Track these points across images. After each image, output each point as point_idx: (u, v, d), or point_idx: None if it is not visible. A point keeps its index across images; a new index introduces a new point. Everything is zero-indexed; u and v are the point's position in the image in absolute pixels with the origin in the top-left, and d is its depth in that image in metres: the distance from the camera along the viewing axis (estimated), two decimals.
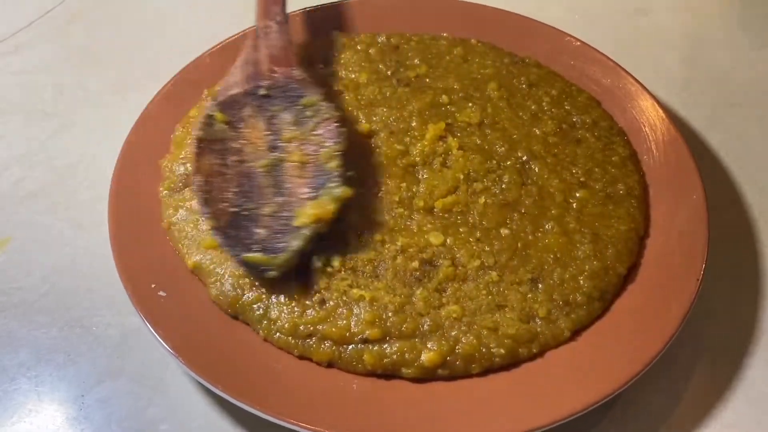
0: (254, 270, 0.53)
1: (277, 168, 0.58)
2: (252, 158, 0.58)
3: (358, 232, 0.56)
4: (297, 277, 0.54)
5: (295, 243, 0.53)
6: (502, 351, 0.52)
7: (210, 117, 0.59)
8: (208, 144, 0.58)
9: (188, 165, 0.61)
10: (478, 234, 0.57)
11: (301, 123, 0.59)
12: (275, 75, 0.61)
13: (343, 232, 0.56)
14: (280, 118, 0.59)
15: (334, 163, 0.57)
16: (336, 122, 0.59)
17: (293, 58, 0.63)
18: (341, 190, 0.55)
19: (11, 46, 0.79)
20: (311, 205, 0.55)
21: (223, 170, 0.57)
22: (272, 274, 0.53)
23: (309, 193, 0.56)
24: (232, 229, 0.55)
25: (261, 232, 0.55)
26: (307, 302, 0.53)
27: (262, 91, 0.60)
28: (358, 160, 0.60)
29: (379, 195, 0.59)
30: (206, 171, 0.57)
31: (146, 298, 0.53)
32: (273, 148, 0.58)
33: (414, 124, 0.63)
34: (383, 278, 0.55)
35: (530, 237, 0.57)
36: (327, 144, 0.58)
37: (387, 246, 0.56)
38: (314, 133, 0.58)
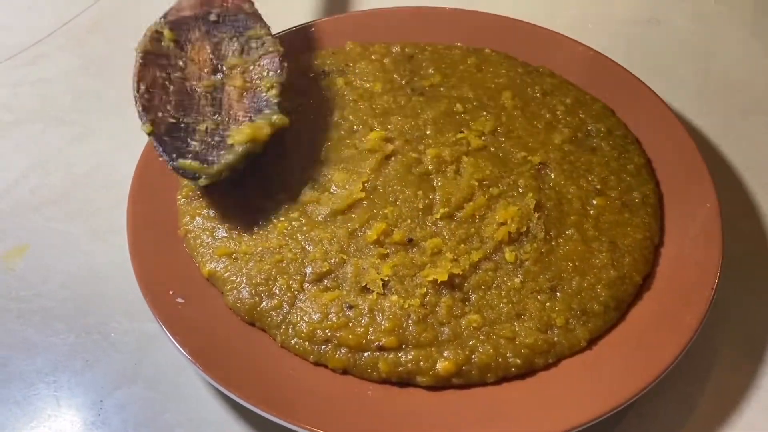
0: (187, 176, 0.57)
1: (217, 90, 0.62)
2: (194, 78, 0.62)
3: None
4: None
5: (229, 157, 0.57)
6: (518, 361, 0.52)
7: (158, 33, 0.63)
8: (154, 58, 0.61)
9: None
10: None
11: (246, 53, 0.63)
12: (227, 4, 0.65)
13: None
14: (226, 45, 0.64)
15: (273, 92, 0.61)
16: (279, 56, 0.62)
17: None
18: (278, 117, 0.59)
19: (31, 56, 0.80)
20: (248, 125, 0.58)
21: (166, 84, 0.61)
22: (203, 181, 0.56)
23: (246, 116, 0.60)
24: (168, 137, 0.58)
25: (196, 144, 0.58)
26: (333, 307, 0.54)
27: (212, 17, 0.64)
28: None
29: (398, 203, 0.59)
30: (149, 82, 0.60)
31: (164, 305, 0.54)
32: (216, 71, 0.63)
33: (429, 132, 0.64)
34: (410, 287, 0.55)
35: (553, 242, 0.57)
36: (269, 74, 0.62)
37: (415, 252, 0.56)
38: (258, 63, 0.62)
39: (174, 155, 0.57)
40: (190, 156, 0.57)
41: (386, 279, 0.55)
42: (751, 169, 0.69)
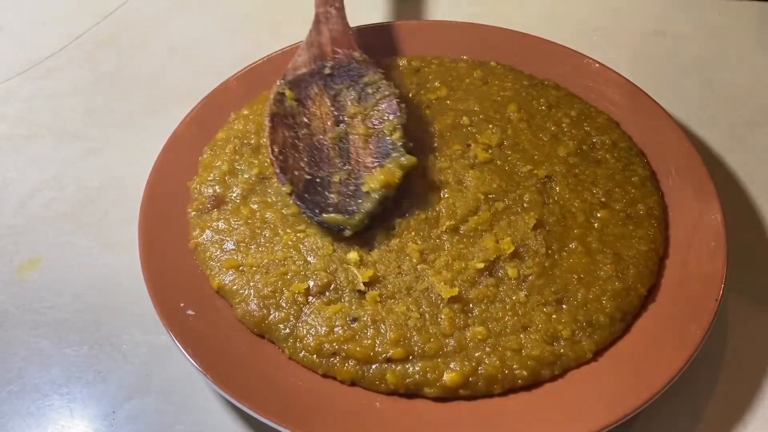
0: (332, 229, 0.58)
1: (343, 140, 0.63)
2: (320, 132, 0.64)
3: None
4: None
5: (367, 205, 0.59)
6: (525, 373, 0.52)
7: (281, 94, 0.65)
8: (280, 119, 0.64)
9: (217, 187, 0.62)
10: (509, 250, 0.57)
11: (364, 99, 0.65)
12: (338, 56, 0.67)
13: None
14: (344, 95, 0.65)
15: (396, 135, 0.62)
16: (396, 98, 0.64)
17: (353, 41, 0.68)
18: (406, 159, 0.60)
19: (43, 71, 0.81)
20: (379, 171, 0.60)
21: (296, 143, 0.63)
22: (348, 233, 0.58)
23: (375, 161, 0.61)
24: (308, 194, 0.60)
25: (333, 197, 0.60)
26: (338, 320, 0.54)
27: (327, 71, 0.66)
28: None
29: (406, 215, 0.60)
30: (280, 143, 0.62)
31: (175, 317, 0.55)
32: (338, 122, 0.64)
33: (435, 145, 0.65)
34: (413, 296, 0.56)
35: (556, 256, 0.58)
36: (389, 118, 0.63)
37: (419, 266, 0.57)
38: (376, 108, 0.64)
39: (316, 211, 0.59)
40: (331, 209, 0.59)
41: (369, 279, 0.56)
42: (756, 181, 0.69)
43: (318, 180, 0.61)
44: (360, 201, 0.59)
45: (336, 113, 0.65)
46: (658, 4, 0.88)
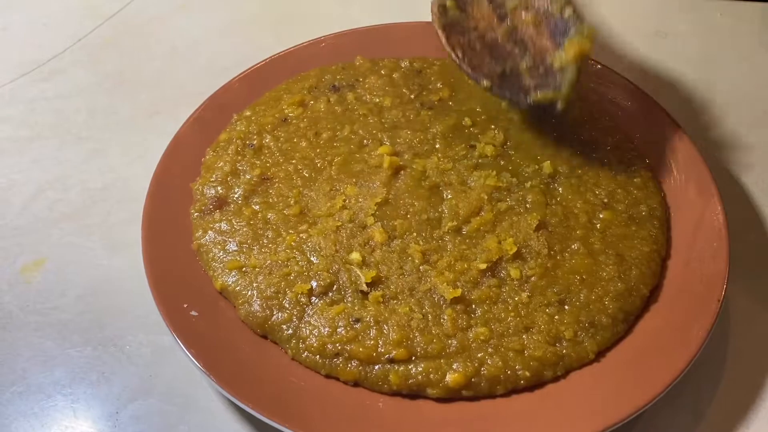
0: (545, 108, 0.60)
1: (513, 33, 0.65)
2: (490, 30, 0.65)
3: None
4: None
5: (569, 75, 0.59)
6: (527, 373, 0.52)
7: (442, 7, 0.67)
8: (450, 28, 0.66)
9: (219, 188, 0.63)
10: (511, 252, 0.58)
11: None
12: None
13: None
14: None
15: (569, 11, 0.62)
16: None
17: None
18: (589, 29, 0.60)
19: (46, 73, 0.82)
20: (568, 45, 0.60)
21: (474, 45, 0.64)
22: (561, 105, 0.60)
23: (555, 42, 0.62)
24: (506, 85, 0.62)
25: (529, 80, 0.62)
26: (341, 321, 0.55)
27: None
28: None
29: (408, 217, 0.60)
30: (461, 48, 0.64)
31: (179, 318, 0.55)
32: (502, 19, 0.65)
33: (438, 146, 0.65)
34: (415, 297, 0.56)
35: (558, 257, 0.58)
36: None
37: (422, 267, 0.57)
38: None
39: (522, 95, 0.61)
40: (533, 91, 0.61)
41: (371, 280, 0.56)
42: (758, 182, 0.70)
43: (508, 71, 0.63)
44: (558, 76, 0.60)
45: (497, 11, 0.66)
46: (659, 5, 0.88)
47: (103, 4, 0.89)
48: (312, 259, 0.58)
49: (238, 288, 0.57)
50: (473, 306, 0.55)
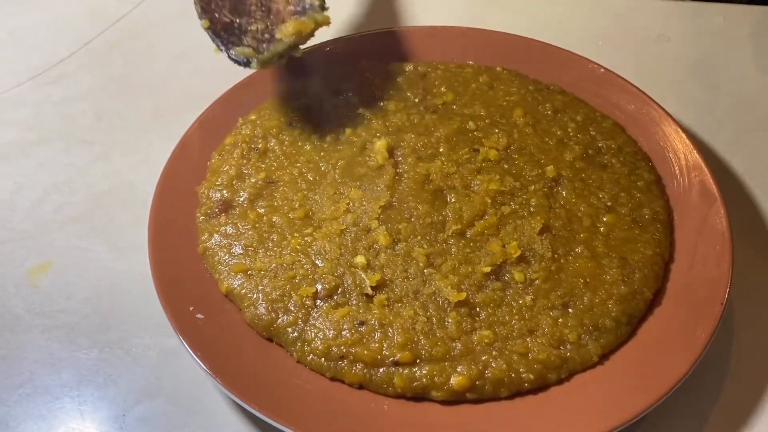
0: (240, 62, 0.63)
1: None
2: None
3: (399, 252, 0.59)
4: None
5: (278, 46, 0.63)
6: (531, 376, 0.53)
7: None
8: None
9: (224, 191, 0.63)
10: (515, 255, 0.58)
11: None
12: None
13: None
14: None
15: None
16: None
17: None
18: (320, 16, 0.65)
19: (52, 77, 0.82)
20: (294, 21, 0.64)
21: None
22: (254, 66, 0.63)
23: (293, 16, 0.65)
24: (225, 33, 0.65)
25: (249, 41, 0.65)
26: (345, 324, 0.55)
27: None
28: None
29: (412, 220, 0.60)
30: None
31: (185, 321, 0.55)
32: None
33: (441, 150, 0.65)
34: (420, 300, 0.56)
35: (562, 260, 0.58)
36: None
37: (426, 270, 0.58)
38: None
39: (229, 46, 0.64)
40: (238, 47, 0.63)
41: (376, 283, 0.56)
42: (761, 185, 0.70)
43: (236, 25, 0.66)
44: (272, 45, 0.64)
45: None
46: (661, 8, 0.89)
47: (110, 8, 0.90)
48: (317, 262, 0.58)
49: (243, 291, 0.58)
50: (477, 309, 0.56)
